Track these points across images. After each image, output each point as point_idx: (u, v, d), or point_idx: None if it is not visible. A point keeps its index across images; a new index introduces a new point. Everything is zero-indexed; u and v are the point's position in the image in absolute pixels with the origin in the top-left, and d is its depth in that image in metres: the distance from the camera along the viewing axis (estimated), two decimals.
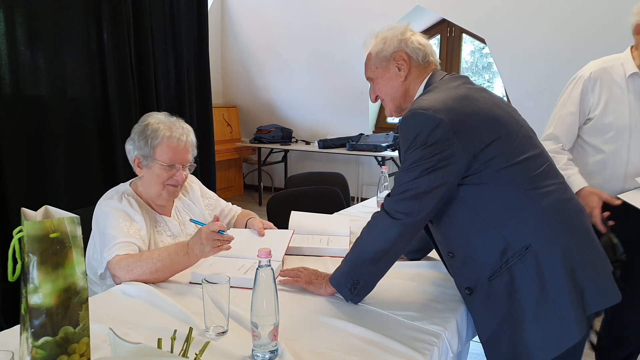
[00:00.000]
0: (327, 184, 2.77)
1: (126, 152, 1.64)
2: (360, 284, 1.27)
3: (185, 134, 1.63)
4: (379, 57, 1.38)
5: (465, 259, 1.24)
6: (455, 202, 1.22)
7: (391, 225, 1.21)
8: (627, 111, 1.80)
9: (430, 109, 1.17)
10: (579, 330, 1.14)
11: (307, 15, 5.22)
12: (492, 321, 1.20)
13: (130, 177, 1.72)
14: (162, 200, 1.66)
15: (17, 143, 2.52)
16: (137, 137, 1.60)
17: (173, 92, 3.43)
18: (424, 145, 1.16)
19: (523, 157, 1.20)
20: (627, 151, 1.79)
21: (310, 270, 1.42)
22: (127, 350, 0.87)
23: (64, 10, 2.69)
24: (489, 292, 1.20)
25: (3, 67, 2.45)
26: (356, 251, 1.28)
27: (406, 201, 1.19)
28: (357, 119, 5.59)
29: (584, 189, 1.80)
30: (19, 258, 0.87)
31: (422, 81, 1.36)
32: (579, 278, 1.16)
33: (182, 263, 1.43)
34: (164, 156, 1.58)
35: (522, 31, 4.22)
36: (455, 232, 1.26)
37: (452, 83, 1.30)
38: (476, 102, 1.23)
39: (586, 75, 1.89)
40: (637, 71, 1.80)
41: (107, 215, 1.52)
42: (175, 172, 1.61)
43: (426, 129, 1.16)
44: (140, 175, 1.63)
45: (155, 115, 1.65)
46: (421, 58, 1.36)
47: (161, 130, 1.59)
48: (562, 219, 1.20)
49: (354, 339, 1.13)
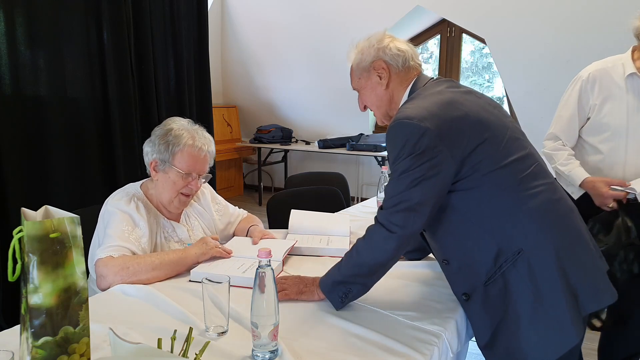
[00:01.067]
0: (327, 184, 2.77)
1: (144, 153, 1.63)
2: (352, 293, 1.26)
3: (206, 143, 1.63)
4: (359, 68, 1.38)
5: (460, 265, 1.25)
6: (446, 209, 1.22)
7: (388, 238, 1.20)
8: (625, 111, 1.80)
9: (415, 118, 1.16)
10: (576, 332, 1.14)
11: (307, 15, 5.22)
12: (490, 326, 1.20)
13: (130, 177, 1.72)
14: (173, 208, 1.66)
15: (17, 143, 2.52)
16: (157, 140, 1.60)
17: (173, 92, 3.43)
18: (411, 155, 1.16)
19: (510, 160, 1.20)
20: (625, 152, 1.79)
21: (292, 278, 1.36)
22: (127, 350, 0.87)
23: (64, 10, 2.69)
24: (485, 298, 1.20)
25: (3, 67, 2.45)
26: (351, 263, 1.26)
27: (401, 213, 1.18)
28: (357, 119, 5.60)
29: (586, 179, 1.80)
30: (19, 258, 0.87)
31: (406, 87, 1.35)
32: (572, 279, 1.16)
33: (179, 264, 1.46)
34: (183, 163, 1.58)
35: (522, 31, 4.22)
36: (449, 239, 1.26)
37: (436, 88, 1.29)
38: (461, 106, 1.22)
39: (584, 76, 1.90)
40: (635, 72, 1.80)
41: (112, 215, 1.52)
42: (191, 181, 1.61)
43: (412, 138, 1.15)
44: (155, 179, 1.62)
45: (178, 121, 1.64)
46: (401, 64, 1.35)
47: (184, 137, 1.58)
48: (553, 219, 1.20)
49: (354, 339, 1.13)
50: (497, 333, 1.19)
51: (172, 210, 1.67)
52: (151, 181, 1.66)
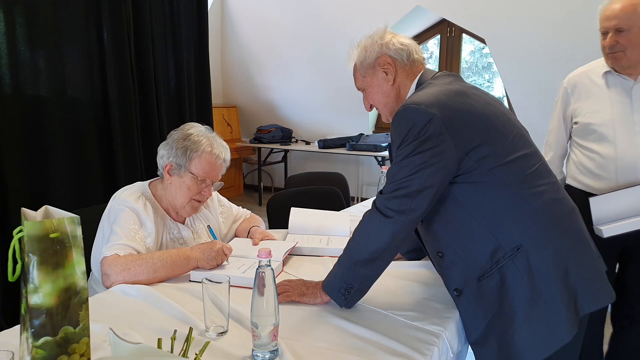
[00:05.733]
0: (327, 184, 2.77)
1: (158, 156, 1.63)
2: (354, 288, 1.24)
3: (223, 151, 1.64)
4: (364, 65, 1.38)
5: (454, 259, 1.23)
6: (447, 200, 1.21)
7: (383, 224, 1.18)
8: (609, 107, 1.80)
9: (423, 104, 1.16)
10: (569, 332, 1.13)
11: (307, 15, 5.22)
12: (482, 322, 1.20)
13: (130, 176, 1.72)
14: (185, 213, 1.66)
15: (17, 143, 2.52)
16: (175, 144, 1.60)
17: (173, 92, 3.43)
18: (416, 140, 1.15)
19: (515, 156, 1.20)
20: (614, 146, 1.78)
21: (295, 281, 1.35)
22: (127, 350, 0.87)
23: (64, 10, 2.69)
24: (478, 293, 1.20)
25: (3, 67, 2.45)
26: (349, 253, 1.25)
27: (398, 199, 1.17)
28: (357, 119, 5.59)
29: None
30: (19, 258, 0.87)
31: (412, 81, 1.35)
32: (572, 279, 1.16)
33: (181, 267, 1.45)
34: (199, 170, 1.58)
35: (522, 31, 4.22)
36: (446, 231, 1.24)
37: (445, 79, 1.29)
38: (468, 98, 1.22)
39: (565, 83, 1.97)
40: (609, 69, 1.81)
41: (120, 212, 1.52)
42: (205, 187, 1.61)
43: (418, 123, 1.15)
44: (168, 182, 1.61)
45: (197, 127, 1.65)
46: (406, 58, 1.35)
47: (203, 143, 1.59)
48: (555, 219, 1.20)
49: (354, 339, 1.13)
50: (489, 329, 1.18)
51: (183, 215, 1.68)
52: (160, 182, 1.66)
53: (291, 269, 1.59)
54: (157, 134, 3.20)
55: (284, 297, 1.29)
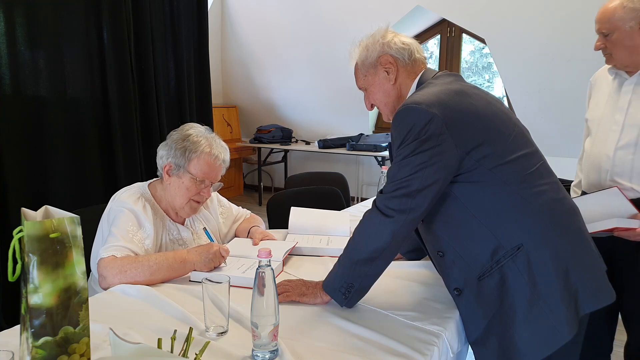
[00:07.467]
0: (327, 184, 2.77)
1: (158, 156, 1.63)
2: (354, 287, 1.23)
3: (222, 152, 1.64)
4: (365, 64, 1.38)
5: (455, 258, 1.23)
6: (448, 200, 1.21)
7: (383, 223, 1.19)
8: (603, 104, 1.77)
9: (423, 104, 1.17)
10: (569, 331, 1.13)
11: (307, 15, 5.22)
12: (482, 321, 1.20)
13: (130, 176, 1.72)
14: (184, 214, 1.66)
15: (17, 143, 2.52)
16: (174, 145, 1.60)
17: (173, 92, 3.43)
18: (416, 140, 1.15)
19: (516, 155, 1.20)
20: (592, 143, 1.75)
21: (295, 281, 1.35)
22: (127, 350, 0.87)
23: (64, 10, 2.69)
24: (478, 292, 1.20)
25: (3, 67, 2.45)
26: (349, 252, 1.25)
27: (398, 198, 1.17)
28: (357, 119, 5.59)
29: None
30: (19, 258, 0.87)
31: (413, 80, 1.35)
32: (573, 278, 1.16)
33: (178, 270, 1.45)
34: (198, 170, 1.58)
35: (522, 31, 4.22)
36: (447, 230, 1.24)
37: (446, 79, 1.29)
38: (469, 98, 1.22)
39: (591, 78, 1.92)
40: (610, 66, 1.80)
41: (119, 213, 1.52)
42: (204, 188, 1.61)
43: (419, 123, 1.15)
44: (167, 183, 1.62)
45: (197, 127, 1.65)
46: (407, 57, 1.35)
47: (202, 144, 1.59)
48: (555, 219, 1.19)
49: (354, 339, 1.13)
50: (489, 328, 1.18)
51: (183, 216, 1.68)
52: (160, 183, 1.66)
53: (291, 269, 1.59)
54: (157, 134, 3.20)
55: (284, 297, 1.29)
